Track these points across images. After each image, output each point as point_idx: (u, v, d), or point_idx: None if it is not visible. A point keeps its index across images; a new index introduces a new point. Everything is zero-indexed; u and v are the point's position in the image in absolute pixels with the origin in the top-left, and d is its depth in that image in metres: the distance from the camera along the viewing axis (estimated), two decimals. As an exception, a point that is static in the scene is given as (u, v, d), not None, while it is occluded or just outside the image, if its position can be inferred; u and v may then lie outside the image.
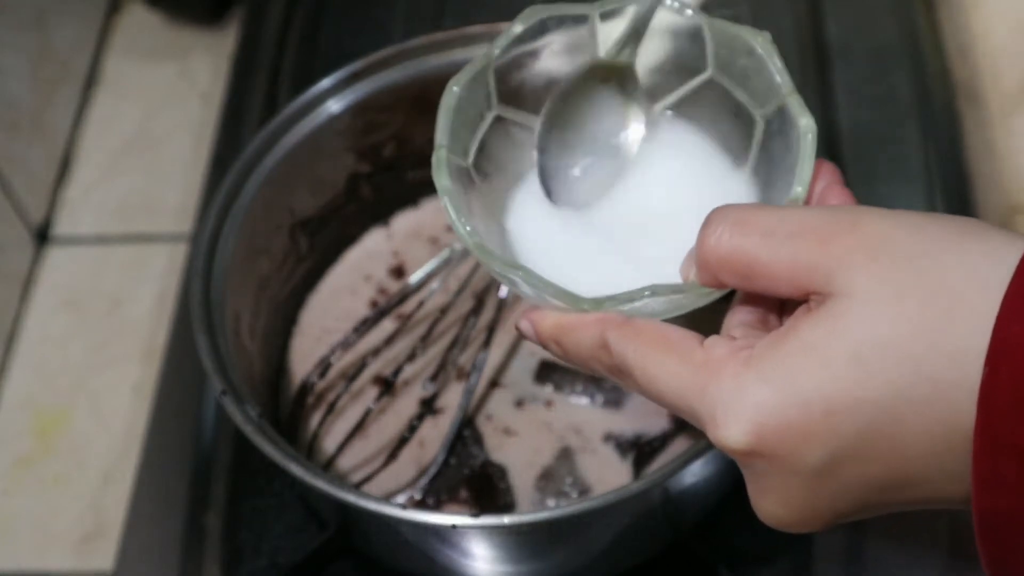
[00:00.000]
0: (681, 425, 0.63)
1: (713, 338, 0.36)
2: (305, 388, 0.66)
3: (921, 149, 0.76)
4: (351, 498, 0.52)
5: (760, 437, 0.33)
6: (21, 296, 0.80)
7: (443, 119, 0.43)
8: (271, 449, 0.54)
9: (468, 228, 0.41)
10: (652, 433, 0.63)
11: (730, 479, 0.62)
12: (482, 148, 0.45)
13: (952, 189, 0.74)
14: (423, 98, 0.67)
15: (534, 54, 0.46)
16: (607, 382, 0.65)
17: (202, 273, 0.59)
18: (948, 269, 0.31)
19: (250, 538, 0.65)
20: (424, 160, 0.71)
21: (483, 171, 0.45)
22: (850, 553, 0.62)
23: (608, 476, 0.62)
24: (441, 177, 0.42)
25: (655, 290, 0.38)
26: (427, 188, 0.72)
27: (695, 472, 0.54)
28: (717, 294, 0.39)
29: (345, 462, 0.64)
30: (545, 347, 0.41)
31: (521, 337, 0.42)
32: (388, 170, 0.70)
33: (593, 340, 0.38)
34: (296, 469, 0.53)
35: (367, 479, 0.63)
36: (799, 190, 0.40)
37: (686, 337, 0.36)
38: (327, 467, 0.63)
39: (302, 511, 0.65)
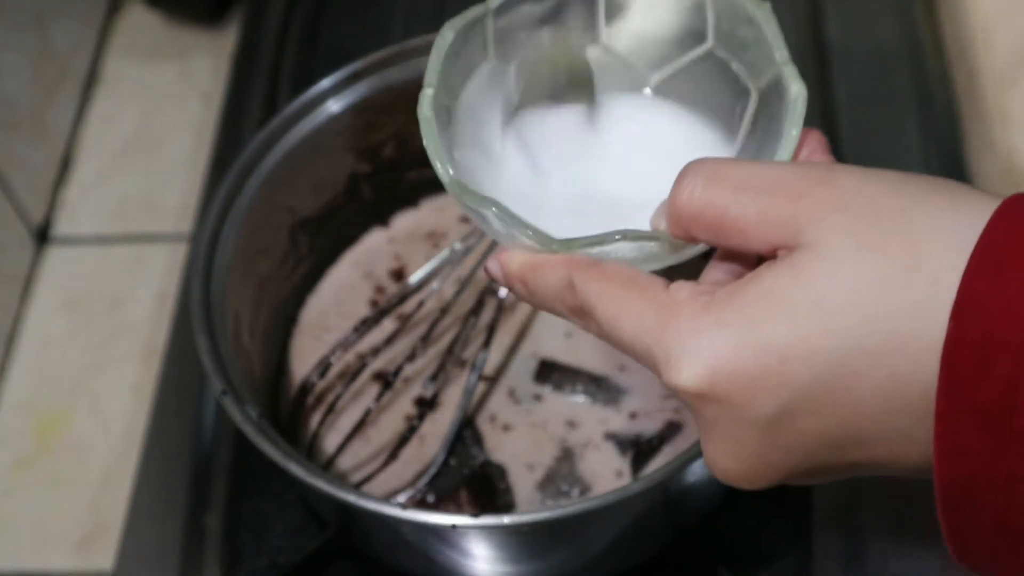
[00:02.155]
0: (680, 424, 0.63)
1: (679, 283, 0.36)
2: (305, 388, 0.66)
3: (921, 149, 0.76)
4: (351, 498, 0.52)
5: (712, 381, 0.32)
6: (21, 296, 0.80)
7: (434, 59, 0.43)
8: (271, 449, 0.54)
9: (444, 163, 0.41)
10: (651, 432, 0.63)
11: (730, 479, 0.62)
12: (474, 95, 0.45)
13: (952, 189, 0.74)
14: (423, 98, 0.67)
15: (536, 12, 0.45)
16: (607, 381, 0.65)
17: (202, 273, 0.59)
18: (917, 224, 0.31)
19: (250, 538, 0.65)
20: (425, 160, 0.71)
21: (473, 116, 0.45)
22: (850, 553, 0.62)
23: (608, 476, 0.62)
24: (424, 110, 0.42)
25: (626, 234, 0.37)
26: (427, 188, 0.72)
27: (695, 472, 0.54)
28: (690, 249, 0.38)
29: (345, 462, 0.64)
30: (511, 288, 0.40)
31: (492, 279, 0.41)
32: (388, 170, 0.70)
33: (559, 280, 0.37)
34: (296, 469, 0.53)
35: (367, 479, 0.63)
36: (784, 154, 0.39)
37: (651, 280, 0.36)
38: (327, 467, 0.63)
39: (302, 511, 0.65)
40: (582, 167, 0.44)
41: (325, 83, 0.65)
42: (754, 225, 0.34)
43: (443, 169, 0.41)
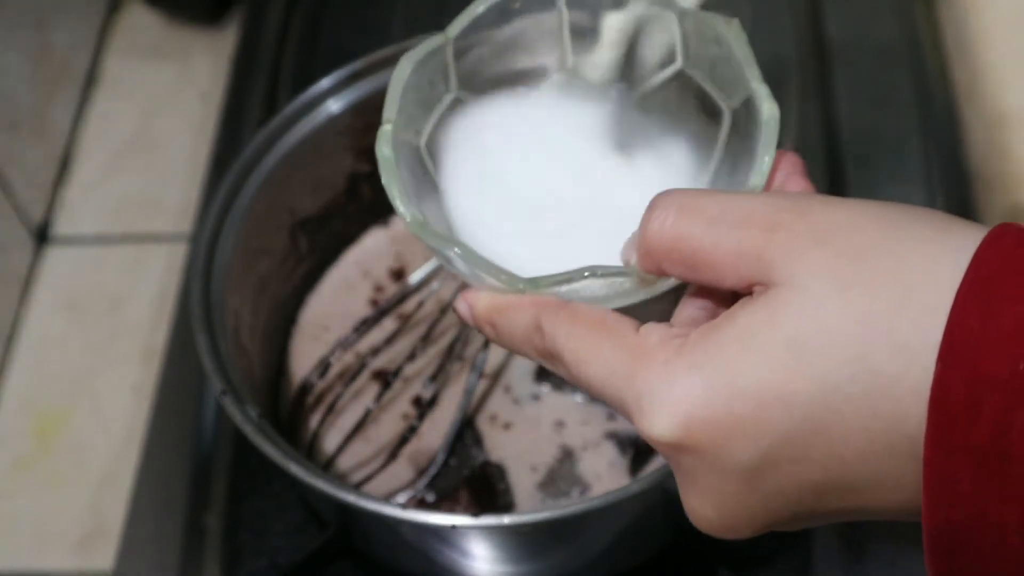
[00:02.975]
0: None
1: (650, 325, 0.34)
2: (305, 388, 0.66)
3: (921, 149, 0.76)
4: (351, 498, 0.52)
5: (687, 429, 0.30)
6: (21, 296, 0.80)
7: (393, 92, 0.41)
8: (271, 449, 0.54)
9: (404, 203, 0.39)
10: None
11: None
12: (436, 130, 0.43)
13: (952, 189, 0.74)
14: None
15: (499, 39, 0.44)
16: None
17: (202, 273, 0.59)
18: (900, 260, 0.29)
19: (250, 538, 0.65)
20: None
21: (436, 152, 0.43)
22: (850, 553, 0.62)
23: (608, 475, 0.62)
24: (382, 148, 0.40)
25: (594, 271, 0.36)
26: (427, 188, 0.73)
27: (695, 472, 0.54)
28: (662, 284, 0.37)
29: (345, 462, 0.64)
30: (480, 330, 0.38)
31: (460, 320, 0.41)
32: (388, 170, 0.70)
33: (527, 323, 0.36)
34: (296, 469, 0.53)
35: (367, 479, 0.63)
36: (757, 179, 0.38)
37: (621, 322, 0.34)
38: (327, 467, 0.63)
39: (302, 511, 0.65)
40: (558, 190, 0.43)
41: (325, 83, 0.65)
42: (728, 259, 0.32)
43: (404, 209, 0.39)
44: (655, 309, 0.39)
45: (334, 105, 0.65)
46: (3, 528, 0.71)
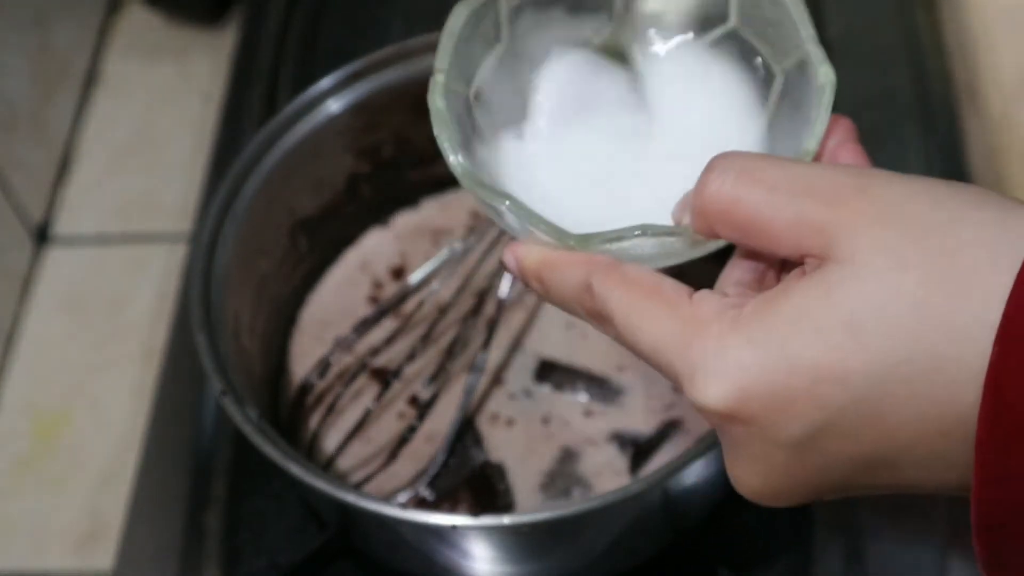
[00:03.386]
0: (679, 423, 0.63)
1: (703, 292, 0.34)
2: (305, 388, 0.66)
3: (921, 149, 0.76)
4: (351, 498, 0.52)
5: (741, 401, 0.31)
6: (21, 296, 0.80)
7: (445, 42, 0.41)
8: (271, 449, 0.54)
9: (455, 153, 0.39)
10: (651, 431, 0.63)
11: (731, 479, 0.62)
12: (488, 80, 0.43)
13: (952, 189, 0.74)
14: (423, 98, 0.67)
15: None
16: (607, 381, 0.65)
17: (202, 273, 0.59)
18: (960, 242, 0.29)
19: (250, 538, 0.65)
20: (425, 160, 0.71)
21: (485, 103, 0.43)
22: (850, 553, 0.62)
23: (608, 476, 0.62)
24: (435, 99, 0.40)
25: (646, 230, 0.36)
26: (427, 188, 0.72)
27: (695, 472, 0.54)
28: (713, 245, 0.37)
29: (345, 462, 0.64)
30: (527, 284, 0.38)
31: (504, 270, 0.40)
32: (388, 170, 0.70)
33: (577, 281, 0.36)
34: (296, 469, 0.53)
35: (367, 479, 0.63)
36: (811, 143, 0.38)
37: (675, 289, 0.34)
38: (327, 467, 0.63)
39: (302, 511, 0.65)
40: (608, 149, 0.43)
41: (325, 83, 0.65)
42: (786, 229, 0.32)
43: (455, 160, 0.39)
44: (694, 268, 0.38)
45: (334, 105, 0.65)
46: (3, 528, 0.71)
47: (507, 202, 0.37)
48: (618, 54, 0.45)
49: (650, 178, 0.42)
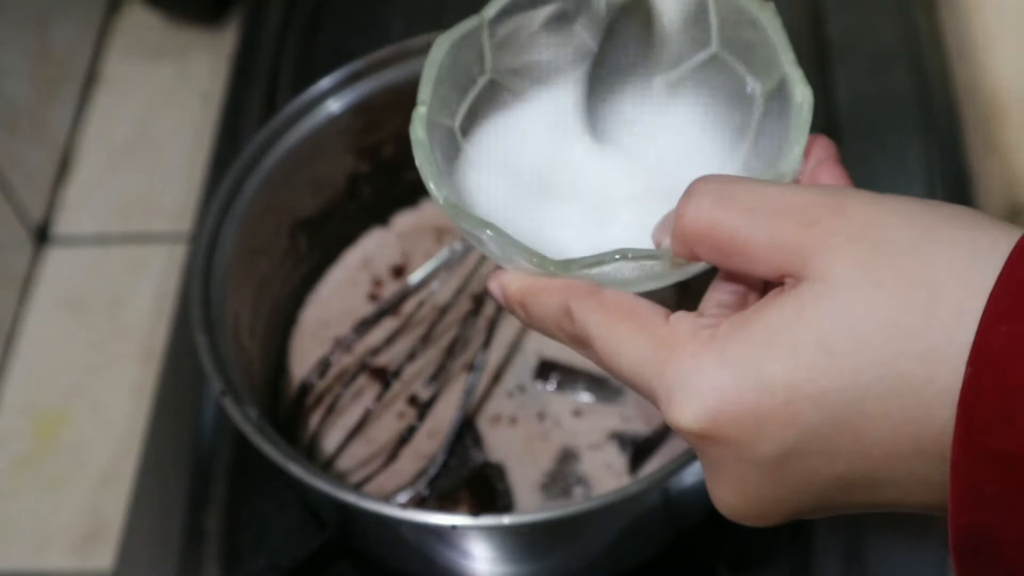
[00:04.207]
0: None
1: (679, 314, 0.34)
2: (305, 388, 0.66)
3: (921, 149, 0.76)
4: (351, 498, 0.52)
5: (715, 421, 0.31)
6: (21, 296, 0.80)
7: (427, 74, 0.41)
8: (271, 449, 0.54)
9: (437, 186, 0.40)
10: (650, 431, 0.63)
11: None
12: (471, 111, 0.43)
13: (952, 189, 0.74)
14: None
15: (535, 21, 0.44)
16: (607, 380, 0.65)
17: (201, 273, 0.59)
18: (933, 261, 0.30)
19: (250, 538, 0.65)
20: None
21: (470, 134, 0.43)
22: (850, 553, 0.62)
23: (608, 476, 0.62)
24: (416, 130, 0.40)
25: (625, 253, 0.36)
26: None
27: (695, 472, 0.54)
28: (694, 268, 0.37)
29: (345, 462, 0.64)
30: (512, 311, 0.39)
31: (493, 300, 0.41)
32: (388, 170, 0.70)
33: (557, 306, 0.36)
34: (296, 469, 0.53)
35: (367, 479, 0.63)
36: (789, 164, 0.38)
37: (651, 311, 0.35)
38: (327, 467, 0.63)
39: (302, 511, 0.65)
40: (586, 175, 0.43)
41: (325, 83, 0.65)
42: (763, 250, 0.32)
43: (437, 192, 0.39)
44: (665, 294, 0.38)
45: (334, 105, 0.65)
46: (3, 528, 0.71)
47: (488, 231, 0.38)
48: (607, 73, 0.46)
49: (635, 205, 0.42)
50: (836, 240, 0.31)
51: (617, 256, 0.36)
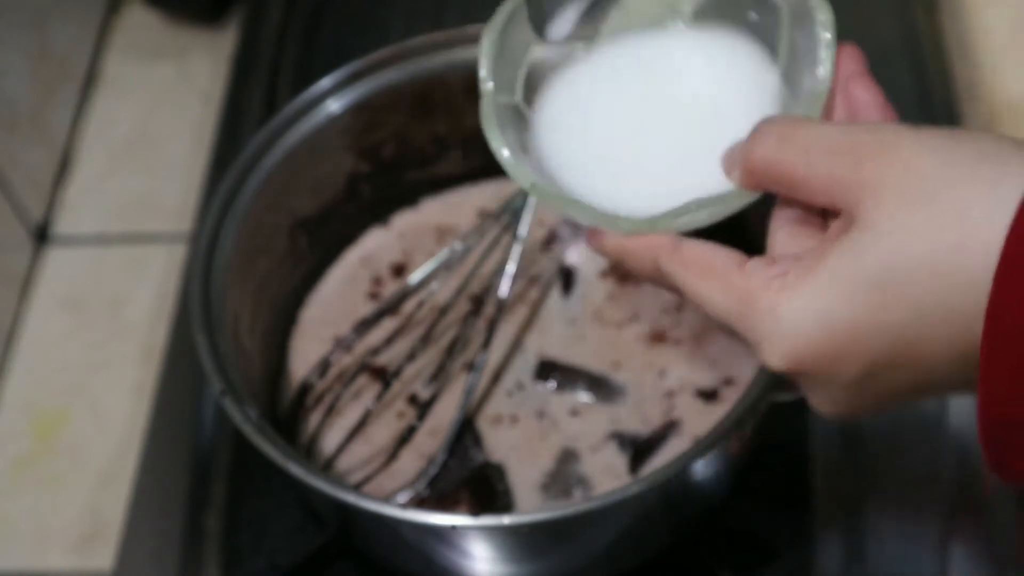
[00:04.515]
0: (678, 422, 0.63)
1: (752, 264, 0.39)
2: (305, 388, 0.66)
3: (921, 149, 0.76)
4: (351, 498, 0.52)
5: (798, 362, 0.38)
6: (20, 296, 0.80)
7: (485, 61, 0.45)
8: (271, 449, 0.54)
9: (517, 171, 0.44)
10: (650, 430, 0.63)
11: (730, 479, 0.62)
12: (526, 81, 0.47)
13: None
14: (423, 98, 0.67)
15: None
16: (607, 380, 0.65)
17: (201, 273, 0.59)
18: (964, 200, 0.35)
19: (250, 538, 0.65)
20: (425, 160, 0.71)
21: (530, 103, 0.47)
22: (850, 553, 0.62)
23: (608, 475, 0.62)
24: (491, 128, 0.44)
25: (701, 203, 0.42)
26: (427, 188, 0.73)
27: (695, 472, 0.54)
28: (757, 196, 0.42)
29: (345, 462, 0.64)
30: (616, 264, 0.46)
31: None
32: (388, 170, 0.70)
33: (649, 263, 0.42)
34: (296, 469, 0.53)
35: (367, 479, 0.63)
36: (821, 82, 0.42)
37: (727, 264, 0.40)
38: (327, 467, 0.63)
39: (302, 511, 0.65)
40: (639, 126, 0.47)
41: (325, 83, 0.65)
42: (820, 187, 0.38)
43: (522, 178, 0.44)
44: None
45: (334, 105, 0.65)
46: (3, 528, 0.71)
47: (578, 207, 0.43)
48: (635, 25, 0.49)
49: (688, 147, 0.46)
50: (880, 183, 0.36)
51: (693, 207, 0.42)
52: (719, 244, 0.41)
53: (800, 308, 0.37)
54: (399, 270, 0.71)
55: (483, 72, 0.45)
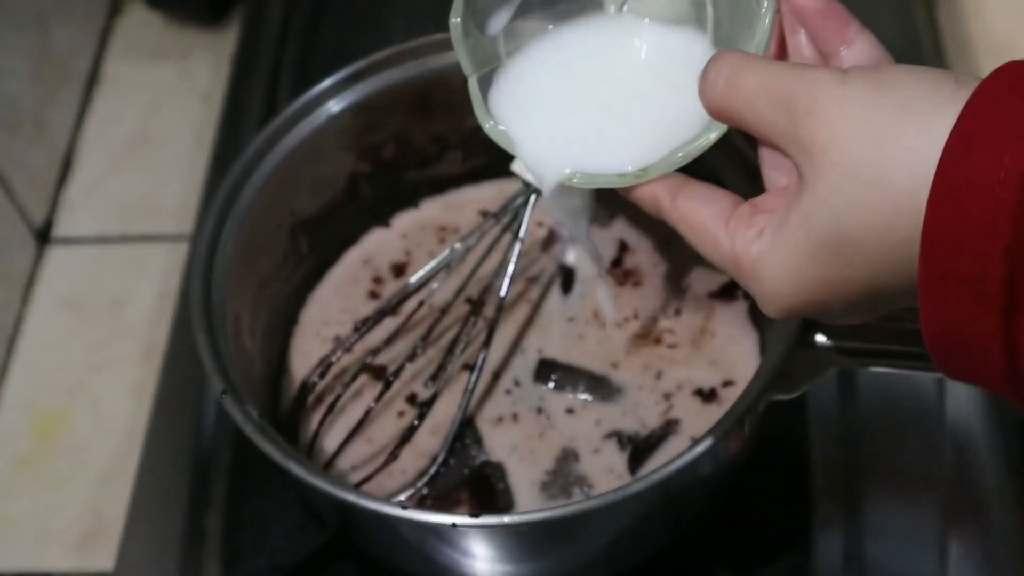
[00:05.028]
0: (678, 421, 0.63)
1: (735, 221, 0.42)
2: (305, 388, 0.66)
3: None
4: (351, 498, 0.52)
5: (791, 313, 0.42)
6: (22, 296, 0.80)
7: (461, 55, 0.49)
8: (271, 449, 0.54)
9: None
10: (649, 430, 0.63)
11: (730, 479, 0.62)
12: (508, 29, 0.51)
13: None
14: (423, 98, 0.67)
15: None
16: (607, 380, 0.65)
17: (202, 273, 0.60)
18: (890, 165, 0.37)
19: (250, 538, 0.65)
20: (424, 160, 0.71)
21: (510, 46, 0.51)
22: (850, 553, 0.62)
23: (608, 475, 0.62)
24: (485, 124, 0.49)
25: (685, 151, 0.45)
26: (427, 188, 0.73)
27: (694, 472, 0.54)
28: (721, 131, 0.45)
29: (345, 462, 0.64)
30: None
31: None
32: (388, 170, 0.70)
33: (655, 211, 0.46)
34: (296, 469, 0.53)
35: (367, 479, 0.63)
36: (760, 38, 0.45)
37: (716, 222, 0.43)
38: (327, 467, 0.63)
39: (302, 511, 0.65)
40: (605, 70, 0.50)
41: (325, 83, 0.65)
42: (767, 135, 0.41)
43: (522, 173, 0.49)
44: None
45: (334, 105, 0.65)
46: (3, 528, 0.71)
47: (575, 178, 0.47)
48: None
49: (648, 92, 0.49)
50: (814, 145, 0.38)
51: (680, 154, 0.45)
52: (711, 189, 0.44)
53: (777, 274, 0.41)
54: (399, 270, 0.71)
55: (455, 18, 0.48)
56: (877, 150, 0.37)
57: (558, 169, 0.48)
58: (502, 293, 0.66)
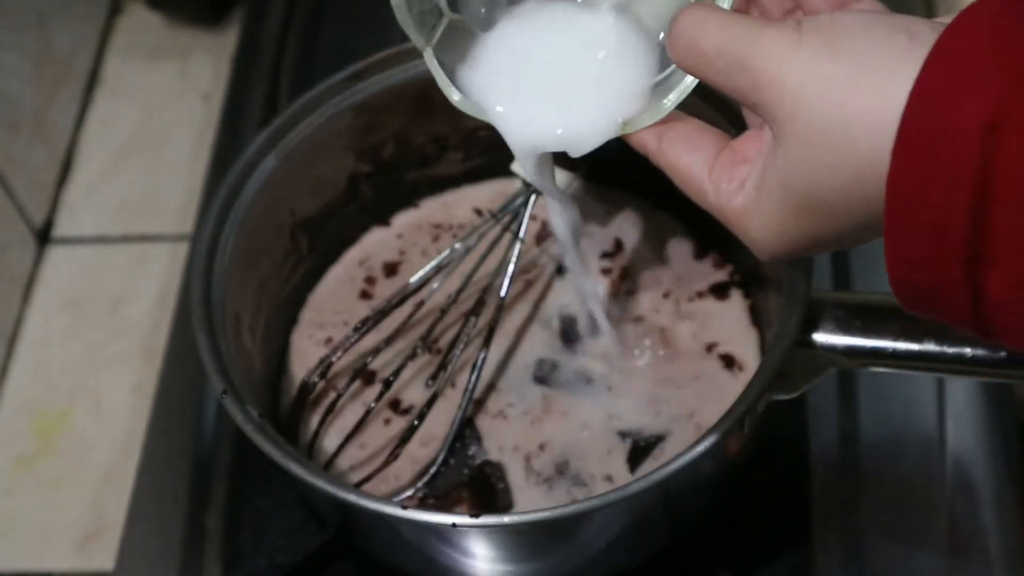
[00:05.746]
0: (678, 421, 0.64)
1: (717, 172, 0.43)
2: (305, 388, 0.66)
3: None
4: (351, 498, 0.52)
5: (777, 257, 0.43)
6: (22, 296, 0.80)
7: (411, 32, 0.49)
8: (271, 449, 0.54)
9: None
10: (649, 430, 0.63)
11: (729, 479, 0.62)
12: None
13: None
14: (423, 98, 0.67)
15: None
16: (606, 380, 0.65)
17: (202, 273, 0.60)
18: (851, 132, 0.38)
19: (250, 538, 0.65)
20: (424, 160, 0.71)
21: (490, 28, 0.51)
22: (850, 553, 0.62)
23: (608, 476, 0.62)
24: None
25: (671, 100, 0.46)
26: (427, 188, 0.73)
27: (695, 472, 0.54)
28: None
29: (345, 462, 0.64)
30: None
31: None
32: (388, 170, 0.70)
33: (648, 154, 0.47)
34: (296, 469, 0.53)
35: (367, 479, 0.63)
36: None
37: (701, 172, 0.44)
38: (327, 467, 0.63)
39: (302, 511, 0.65)
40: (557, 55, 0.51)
41: (325, 83, 0.65)
42: (734, 95, 0.41)
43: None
44: None
45: (334, 105, 0.65)
46: (3, 528, 0.71)
47: (559, 130, 0.49)
48: None
49: (611, 49, 0.50)
50: (778, 111, 0.39)
51: (667, 102, 0.46)
52: (696, 131, 0.45)
53: (761, 226, 0.42)
54: (391, 269, 0.71)
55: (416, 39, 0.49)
56: (838, 115, 0.38)
57: (550, 131, 0.49)
58: (502, 293, 0.66)
